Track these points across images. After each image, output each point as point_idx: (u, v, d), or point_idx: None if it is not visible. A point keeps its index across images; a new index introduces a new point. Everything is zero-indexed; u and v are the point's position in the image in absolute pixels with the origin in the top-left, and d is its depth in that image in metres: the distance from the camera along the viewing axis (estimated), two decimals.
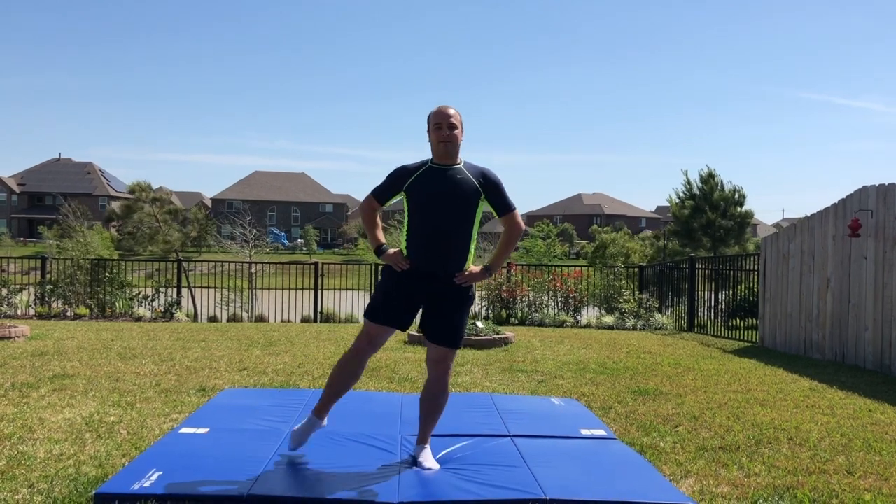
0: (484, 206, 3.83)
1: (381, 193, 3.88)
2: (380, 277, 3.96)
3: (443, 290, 3.77)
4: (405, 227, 3.85)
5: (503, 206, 3.83)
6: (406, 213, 3.85)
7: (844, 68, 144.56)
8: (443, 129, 3.75)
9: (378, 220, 3.95)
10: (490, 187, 3.80)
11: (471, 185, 3.76)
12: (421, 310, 3.86)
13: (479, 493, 3.38)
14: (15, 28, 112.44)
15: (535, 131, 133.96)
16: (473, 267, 3.82)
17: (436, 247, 3.73)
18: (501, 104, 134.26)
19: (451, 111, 3.78)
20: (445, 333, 3.80)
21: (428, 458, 3.88)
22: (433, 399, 3.92)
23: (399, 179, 3.81)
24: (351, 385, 3.94)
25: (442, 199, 3.72)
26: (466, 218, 3.75)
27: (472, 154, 4.16)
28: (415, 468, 3.78)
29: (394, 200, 3.91)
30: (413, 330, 7.95)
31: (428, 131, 3.83)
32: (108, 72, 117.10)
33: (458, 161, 3.82)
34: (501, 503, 3.28)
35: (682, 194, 28.32)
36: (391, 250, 3.81)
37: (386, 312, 3.78)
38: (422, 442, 3.98)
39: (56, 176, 74.03)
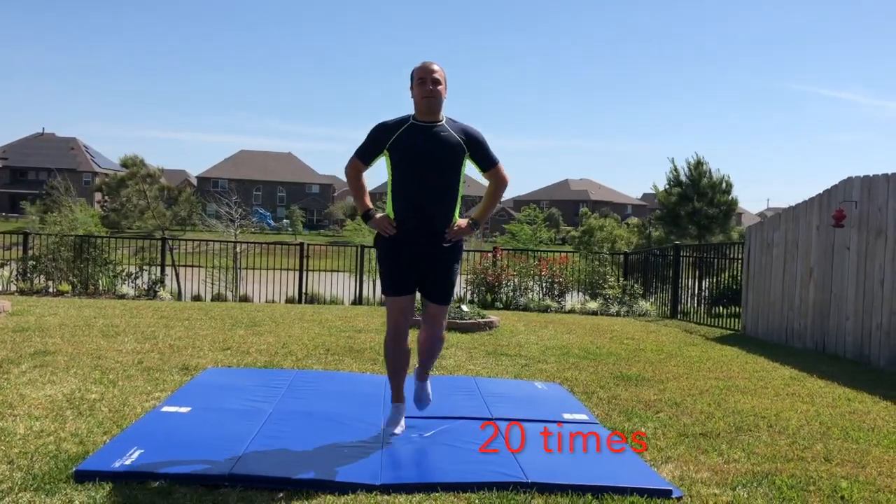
0: (467, 164, 3.81)
1: (364, 153, 3.81)
2: (375, 253, 3.96)
3: (434, 249, 3.76)
4: (389, 188, 3.78)
5: (488, 161, 3.82)
6: (389, 172, 3.77)
7: (831, 60, 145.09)
8: (426, 83, 3.67)
9: (364, 183, 3.91)
10: (473, 144, 3.76)
11: (455, 141, 3.70)
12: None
13: (461, 475, 3.39)
14: None
15: (523, 116, 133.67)
16: (461, 221, 3.81)
17: (422, 206, 3.70)
18: (489, 89, 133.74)
19: (436, 66, 3.70)
20: (441, 292, 3.87)
21: (426, 393, 4.15)
22: (432, 345, 4.05)
23: (381, 136, 3.73)
24: (406, 362, 3.99)
25: (427, 157, 3.66)
26: (452, 175, 3.71)
27: None
28: (395, 440, 3.86)
29: (378, 160, 3.83)
30: None
31: (411, 87, 3.74)
32: (94, 47, 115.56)
33: (441, 118, 3.76)
34: (484, 486, 3.29)
35: (669, 181, 28.33)
36: (378, 215, 3.78)
37: (397, 282, 3.79)
38: (421, 379, 4.14)
39: (39, 151, 73.01)
